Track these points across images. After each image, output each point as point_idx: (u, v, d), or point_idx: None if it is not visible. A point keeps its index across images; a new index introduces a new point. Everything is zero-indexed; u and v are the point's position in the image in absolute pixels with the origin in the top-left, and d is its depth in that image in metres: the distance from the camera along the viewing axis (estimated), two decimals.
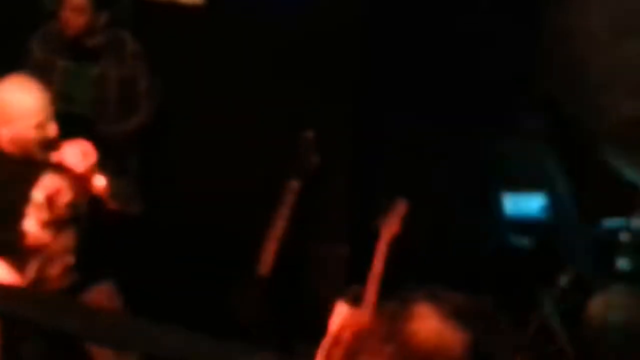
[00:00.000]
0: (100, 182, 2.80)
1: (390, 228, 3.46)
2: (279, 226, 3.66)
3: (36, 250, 2.84)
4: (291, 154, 3.71)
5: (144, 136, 3.85)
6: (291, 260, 3.81)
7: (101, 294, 2.99)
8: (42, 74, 3.74)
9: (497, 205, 3.67)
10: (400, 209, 3.50)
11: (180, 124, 3.97)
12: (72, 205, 2.81)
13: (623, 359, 2.90)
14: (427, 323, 2.00)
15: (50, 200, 2.78)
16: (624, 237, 3.29)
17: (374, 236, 3.43)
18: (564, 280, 3.23)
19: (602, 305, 3.08)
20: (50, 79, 3.72)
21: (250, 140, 3.87)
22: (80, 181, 2.80)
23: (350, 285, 3.62)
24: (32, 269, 2.85)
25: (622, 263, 3.24)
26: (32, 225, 2.79)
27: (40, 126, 2.75)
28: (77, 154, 2.76)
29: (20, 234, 2.80)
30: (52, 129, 2.78)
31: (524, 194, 3.66)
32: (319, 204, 3.91)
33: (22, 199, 2.79)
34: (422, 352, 1.94)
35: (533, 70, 3.69)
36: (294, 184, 3.68)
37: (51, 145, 2.78)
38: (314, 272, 3.89)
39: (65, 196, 2.79)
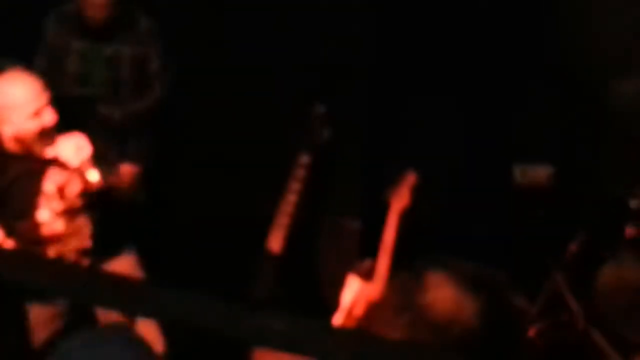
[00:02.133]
0: (93, 176, 2.79)
1: (400, 200, 3.47)
2: (290, 201, 3.68)
3: (52, 239, 2.90)
4: (303, 128, 3.72)
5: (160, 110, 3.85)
6: (303, 234, 3.83)
7: (123, 265, 3.05)
8: (56, 55, 3.77)
9: (509, 176, 3.69)
10: (410, 180, 3.50)
11: (192, 100, 3.98)
12: (82, 194, 2.85)
13: (634, 326, 2.93)
14: (442, 293, 2.03)
15: (61, 191, 2.83)
16: (634, 204, 3.30)
17: (386, 209, 3.46)
18: (575, 248, 3.24)
19: (614, 273, 3.11)
20: (65, 61, 3.75)
21: (262, 114, 3.89)
22: (76, 174, 2.82)
23: (362, 259, 3.66)
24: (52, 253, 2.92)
25: (632, 230, 3.26)
26: (46, 215, 2.86)
27: (36, 115, 2.75)
28: (71, 148, 2.76)
29: (36, 225, 2.86)
30: (49, 117, 2.76)
31: (535, 164, 3.68)
32: (330, 177, 3.93)
33: (35, 193, 2.84)
34: (438, 322, 1.98)
35: (545, 41, 3.69)
36: (305, 158, 3.69)
37: (50, 134, 2.79)
38: (326, 246, 3.91)
39: (75, 186, 2.84)
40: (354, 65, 3.88)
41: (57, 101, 3.72)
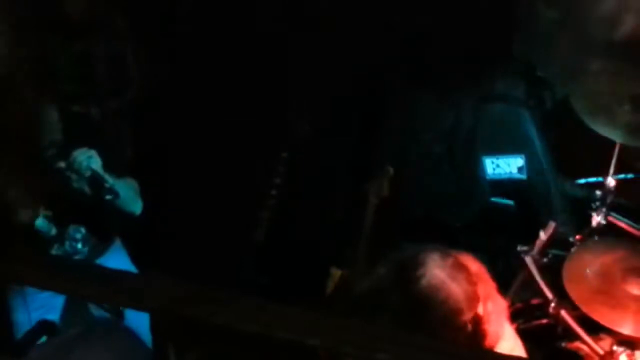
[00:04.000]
0: None
1: (378, 192, 3.59)
2: (272, 195, 3.77)
3: None
4: (283, 125, 3.80)
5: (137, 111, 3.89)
6: (286, 226, 3.91)
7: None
8: (36, 55, 3.80)
9: (480, 168, 3.81)
10: (387, 173, 3.62)
11: (171, 97, 4.03)
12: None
13: (599, 305, 3.06)
14: (432, 270, 2.15)
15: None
16: (599, 193, 3.44)
17: (364, 201, 3.56)
18: (544, 235, 3.36)
19: (580, 258, 3.25)
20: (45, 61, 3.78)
21: (243, 113, 3.96)
22: None
23: (343, 249, 3.76)
24: None
25: (597, 218, 3.39)
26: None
27: None
28: None
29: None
30: None
31: (505, 156, 3.81)
32: (311, 172, 4.01)
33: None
34: (426, 298, 2.09)
35: (510, 37, 3.82)
36: (285, 155, 3.79)
37: None
38: (308, 237, 4.00)
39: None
40: (334, 59, 3.96)
41: None
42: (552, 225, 3.38)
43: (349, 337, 1.35)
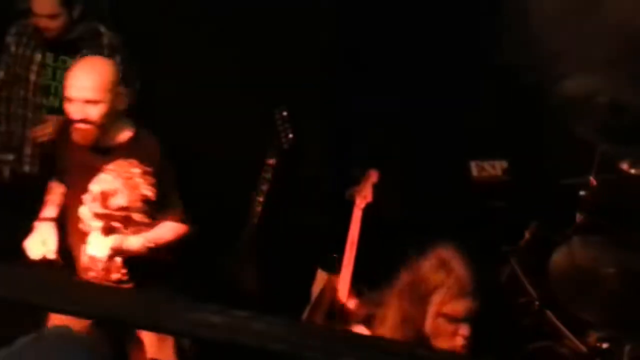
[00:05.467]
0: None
1: (363, 197, 3.64)
2: (259, 202, 3.81)
3: (85, 238, 3.01)
4: (268, 132, 3.84)
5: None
6: (273, 233, 3.96)
7: None
8: (20, 68, 3.86)
9: (465, 171, 3.86)
10: (372, 178, 3.68)
11: (156, 110, 4.08)
12: (124, 209, 2.95)
13: (584, 304, 3.11)
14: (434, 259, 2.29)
15: (103, 196, 2.94)
16: (583, 193, 3.49)
17: (350, 206, 3.61)
18: (528, 235, 3.41)
19: (564, 257, 3.30)
20: (29, 73, 3.84)
21: (228, 119, 4.00)
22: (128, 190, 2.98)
23: (329, 254, 3.80)
24: (84, 255, 3.03)
25: (581, 217, 3.44)
26: (86, 212, 2.98)
27: (67, 101, 2.96)
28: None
29: (76, 217, 3.00)
30: (72, 110, 2.95)
31: (489, 159, 3.86)
32: (298, 178, 4.06)
33: (82, 186, 2.98)
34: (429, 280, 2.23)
35: (493, 44, 3.86)
36: (272, 161, 3.83)
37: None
38: (295, 244, 4.04)
39: (119, 199, 2.94)
40: (316, 67, 4.02)
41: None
42: (536, 225, 3.43)
43: (312, 341, 1.38)
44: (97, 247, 2.95)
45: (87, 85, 2.94)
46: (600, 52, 3.28)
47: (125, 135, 3.08)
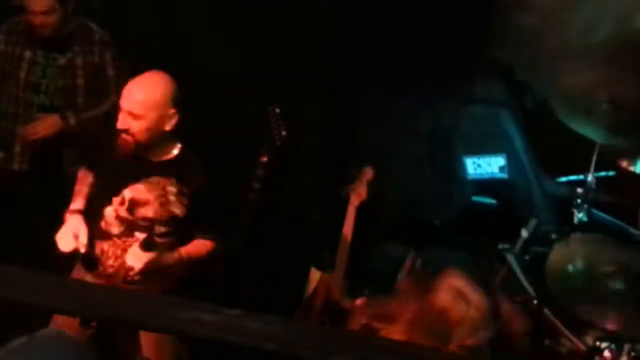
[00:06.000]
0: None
1: (358, 194, 3.60)
2: (252, 199, 3.78)
3: (104, 235, 3.01)
4: (261, 129, 3.81)
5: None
6: (266, 231, 3.92)
7: None
8: (10, 66, 3.82)
9: (461, 168, 3.82)
10: (367, 175, 3.64)
11: None
12: (149, 220, 2.96)
13: (583, 302, 3.07)
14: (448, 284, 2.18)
15: (132, 203, 2.95)
16: (580, 191, 3.46)
17: (345, 203, 3.58)
18: (526, 233, 3.37)
19: (562, 255, 3.26)
20: (19, 71, 3.80)
21: (221, 116, 3.97)
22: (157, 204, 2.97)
23: (323, 252, 3.77)
24: (97, 250, 3.04)
25: (579, 215, 3.41)
26: (110, 213, 2.98)
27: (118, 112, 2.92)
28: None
29: (100, 215, 3.00)
30: (119, 120, 2.92)
31: (486, 156, 3.82)
32: (292, 175, 4.02)
33: (114, 188, 2.98)
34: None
35: (490, 41, 3.84)
36: (264, 158, 3.79)
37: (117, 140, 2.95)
38: (288, 242, 4.00)
39: (147, 210, 2.95)
40: (310, 65, 3.98)
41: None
42: (533, 223, 3.39)
43: (305, 340, 1.34)
44: (135, 259, 2.95)
45: (135, 99, 2.92)
46: (599, 48, 3.26)
47: (170, 153, 3.08)
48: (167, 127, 3.00)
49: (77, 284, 2.16)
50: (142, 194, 2.95)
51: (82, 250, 2.98)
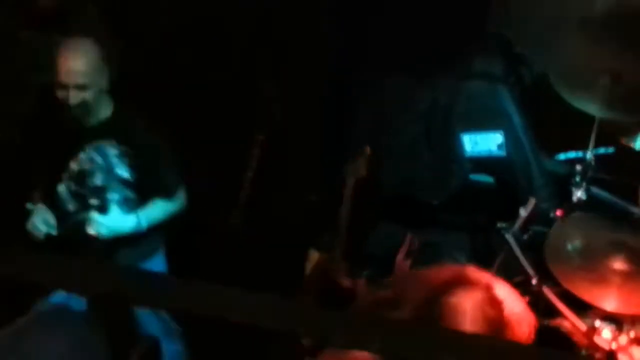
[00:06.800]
0: None
1: (356, 173, 3.55)
2: (248, 178, 3.74)
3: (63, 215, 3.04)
4: (257, 109, 3.77)
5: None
6: (264, 210, 3.89)
7: None
8: (7, 45, 3.77)
9: (459, 146, 3.78)
10: (365, 154, 3.59)
11: (145, 85, 3.99)
12: (100, 188, 2.95)
13: (583, 281, 3.03)
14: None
15: (80, 175, 2.95)
16: (579, 168, 3.42)
17: (342, 182, 3.53)
18: (524, 212, 3.33)
19: (561, 234, 3.22)
20: (16, 50, 3.76)
21: (218, 97, 3.92)
22: None
23: (321, 233, 3.73)
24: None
25: (578, 193, 3.37)
26: (63, 190, 3.02)
27: (62, 87, 2.82)
28: None
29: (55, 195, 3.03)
30: (70, 96, 2.86)
31: (483, 133, 3.77)
32: (289, 154, 3.98)
33: (63, 165, 2.99)
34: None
35: (488, 15, 3.78)
36: (260, 138, 3.76)
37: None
38: (285, 220, 3.97)
39: (95, 179, 2.94)
40: (306, 43, 3.93)
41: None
42: (532, 201, 3.35)
43: (305, 320, 1.32)
44: (96, 227, 2.94)
45: (76, 71, 2.89)
46: (599, 21, 3.21)
47: (104, 115, 3.02)
48: (106, 86, 2.99)
49: (79, 262, 2.15)
50: (86, 164, 2.93)
51: (54, 233, 2.97)
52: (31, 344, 1.42)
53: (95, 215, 2.96)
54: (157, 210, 3.09)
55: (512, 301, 2.37)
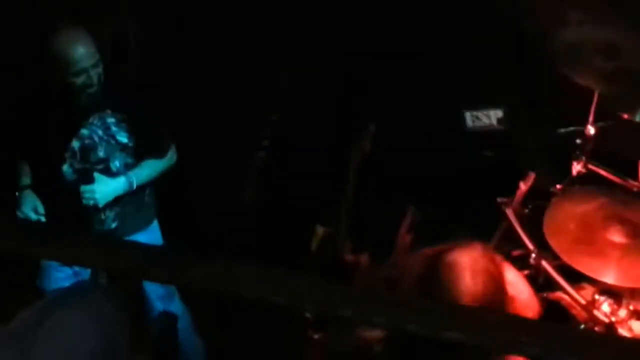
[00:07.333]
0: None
1: (360, 150, 3.55)
2: (259, 157, 3.76)
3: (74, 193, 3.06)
4: (270, 88, 3.76)
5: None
6: (272, 188, 3.89)
7: None
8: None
9: (460, 121, 3.77)
10: (368, 131, 3.58)
11: (153, 60, 3.98)
12: (103, 160, 2.99)
13: (581, 254, 3.04)
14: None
15: (84, 152, 2.98)
16: (578, 142, 3.42)
17: (347, 159, 3.53)
18: (524, 186, 3.34)
19: (561, 208, 3.23)
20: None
21: (231, 76, 3.91)
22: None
23: (327, 209, 3.74)
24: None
25: (578, 167, 3.37)
26: (67, 169, 3.03)
27: (76, 75, 2.87)
28: None
29: (58, 175, 3.05)
30: (89, 79, 2.91)
31: (484, 108, 3.77)
32: (297, 135, 3.98)
33: (63, 145, 3.01)
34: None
35: None
36: (271, 116, 3.76)
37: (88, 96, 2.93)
38: (294, 197, 3.98)
39: (99, 152, 2.97)
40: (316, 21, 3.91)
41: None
42: (532, 175, 3.36)
43: (312, 294, 1.33)
44: (90, 197, 2.97)
45: (82, 53, 2.96)
46: None
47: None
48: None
49: (93, 239, 2.17)
50: (87, 140, 2.98)
51: (43, 220, 3.00)
52: (55, 320, 1.46)
53: (85, 186, 3.00)
54: (147, 168, 3.16)
55: (519, 286, 2.38)
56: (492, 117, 3.79)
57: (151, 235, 3.30)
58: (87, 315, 1.52)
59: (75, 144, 3.01)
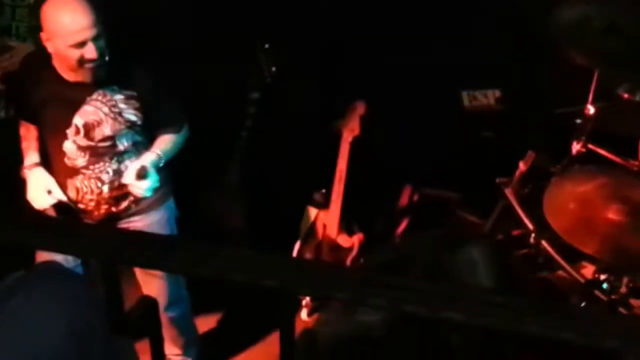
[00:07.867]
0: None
1: (350, 129, 3.52)
2: (243, 136, 3.71)
3: (72, 171, 2.95)
4: (250, 66, 3.71)
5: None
6: (259, 168, 3.86)
7: None
8: None
9: (457, 101, 3.75)
10: (359, 110, 3.55)
11: (138, 40, 3.93)
12: (109, 138, 2.89)
13: (583, 236, 3.02)
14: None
15: (87, 128, 2.88)
16: (578, 122, 3.40)
17: (337, 139, 3.50)
18: (523, 166, 3.32)
19: (561, 188, 3.21)
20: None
21: (212, 55, 3.86)
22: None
23: (317, 189, 3.72)
24: (71, 190, 2.97)
25: (577, 146, 3.35)
26: (70, 146, 2.91)
27: (77, 47, 2.73)
28: None
29: (60, 152, 2.92)
30: (90, 51, 2.74)
31: (481, 88, 3.74)
32: (283, 112, 3.94)
33: (64, 120, 2.88)
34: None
35: None
36: (254, 95, 3.71)
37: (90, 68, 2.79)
38: (281, 177, 3.95)
39: (104, 129, 2.88)
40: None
41: None
42: (531, 155, 3.34)
43: (304, 277, 1.30)
44: (139, 190, 2.91)
45: (85, 25, 2.72)
46: None
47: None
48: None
49: (76, 225, 2.14)
50: (92, 116, 2.87)
51: (64, 199, 2.92)
52: (19, 301, 1.39)
53: (136, 183, 2.89)
54: (169, 143, 3.03)
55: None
56: (489, 96, 3.76)
57: (168, 212, 3.19)
58: (52, 297, 1.45)
59: (78, 120, 2.89)
